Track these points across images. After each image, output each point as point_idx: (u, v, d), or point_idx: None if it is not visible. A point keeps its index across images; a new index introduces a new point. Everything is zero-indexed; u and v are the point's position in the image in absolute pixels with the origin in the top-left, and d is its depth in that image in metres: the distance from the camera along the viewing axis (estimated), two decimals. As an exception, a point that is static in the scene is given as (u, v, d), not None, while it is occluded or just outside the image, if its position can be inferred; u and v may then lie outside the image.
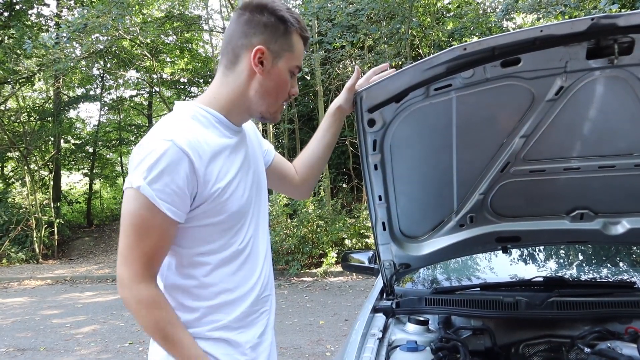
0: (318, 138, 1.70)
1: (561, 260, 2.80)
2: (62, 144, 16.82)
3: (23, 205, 13.90)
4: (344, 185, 12.84)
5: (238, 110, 1.36)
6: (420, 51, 12.09)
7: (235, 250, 1.36)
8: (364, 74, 1.68)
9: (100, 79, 16.98)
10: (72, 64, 11.17)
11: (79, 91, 17.48)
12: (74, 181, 19.61)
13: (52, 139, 15.56)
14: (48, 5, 16.45)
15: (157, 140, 1.20)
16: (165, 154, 1.18)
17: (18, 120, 14.98)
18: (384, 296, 2.14)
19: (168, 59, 16.54)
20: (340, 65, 11.37)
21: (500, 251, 2.18)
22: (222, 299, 1.35)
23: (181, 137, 1.21)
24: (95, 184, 18.38)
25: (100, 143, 17.44)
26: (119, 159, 19.39)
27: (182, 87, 17.08)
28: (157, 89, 15.13)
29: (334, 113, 1.67)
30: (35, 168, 15.12)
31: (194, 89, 16.96)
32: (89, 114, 26.36)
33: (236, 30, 1.33)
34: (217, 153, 1.29)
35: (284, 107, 1.41)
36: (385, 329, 1.86)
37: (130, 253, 1.22)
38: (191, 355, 1.26)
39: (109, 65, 15.57)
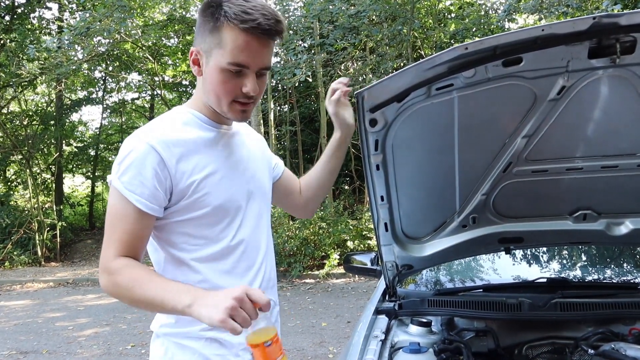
0: (323, 162, 1.68)
1: (564, 261, 2.79)
2: (65, 147, 16.84)
3: (25, 208, 13.91)
4: (346, 187, 12.84)
5: (209, 109, 1.37)
6: (422, 53, 12.09)
7: (227, 246, 1.36)
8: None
9: (102, 82, 17.02)
10: (74, 67, 11.20)
11: (81, 94, 17.52)
12: (76, 184, 19.64)
13: (55, 142, 15.59)
14: (50, 9, 16.48)
15: (130, 138, 1.29)
16: (134, 149, 1.25)
17: (20, 124, 14.99)
18: (387, 298, 2.13)
19: (170, 62, 16.56)
20: (342, 67, 11.37)
21: (503, 252, 2.17)
22: None
23: (151, 134, 1.27)
24: (97, 187, 18.38)
25: (102, 146, 17.47)
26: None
27: (184, 89, 17.11)
28: (159, 92, 15.16)
29: (335, 142, 1.65)
30: (38, 171, 15.14)
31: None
32: (91, 116, 26.37)
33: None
34: (194, 148, 1.32)
35: (247, 105, 1.32)
36: (387, 331, 1.85)
37: (108, 241, 1.27)
38: (175, 302, 1.16)
39: (110, 68, 15.60)
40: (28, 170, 14.02)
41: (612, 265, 2.70)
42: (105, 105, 17.30)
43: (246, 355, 1.40)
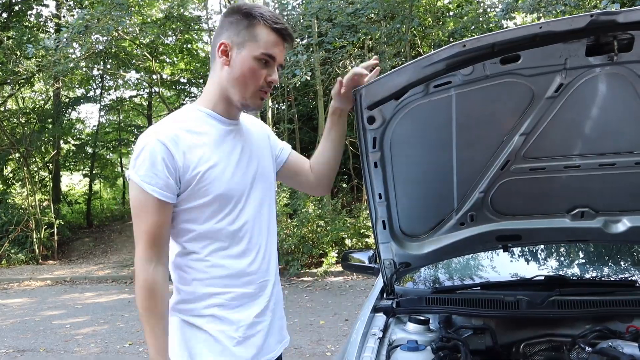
0: (324, 136, 1.79)
1: (562, 259, 2.80)
2: (62, 145, 16.81)
3: (23, 206, 13.88)
4: (344, 185, 12.82)
5: (222, 102, 1.53)
6: (421, 51, 12.09)
7: (227, 230, 1.50)
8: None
9: (100, 80, 16.98)
10: (71, 65, 11.17)
11: (79, 92, 17.48)
12: (73, 182, 19.61)
13: (52, 139, 15.55)
14: (47, 6, 16.42)
15: (143, 136, 1.45)
16: (146, 145, 1.42)
17: (18, 122, 14.95)
18: (385, 296, 2.13)
19: (168, 60, 16.53)
20: (340, 65, 11.36)
21: (501, 250, 2.17)
22: (212, 273, 1.49)
23: (161, 131, 1.43)
24: (95, 185, 18.37)
25: (100, 144, 17.44)
26: (119, 159, 19.40)
27: (181, 87, 17.09)
28: (157, 89, 15.14)
29: (334, 112, 1.74)
30: (35, 169, 15.11)
31: (193, 89, 16.98)
32: (88, 115, 26.31)
33: (214, 34, 1.55)
34: (201, 142, 1.47)
35: (266, 94, 1.53)
36: (385, 329, 1.85)
37: (137, 233, 1.44)
38: (152, 351, 1.40)
39: (108, 66, 15.56)
40: (25, 168, 14.00)
41: (610, 263, 2.70)
42: (103, 104, 17.27)
43: (248, 332, 1.52)
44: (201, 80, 16.28)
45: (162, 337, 1.42)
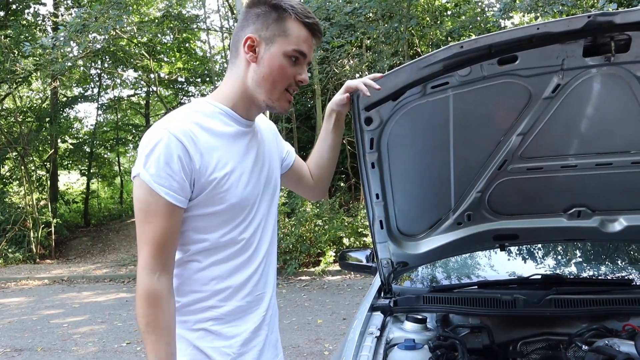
0: (322, 139, 1.69)
1: (559, 258, 2.81)
2: (60, 144, 16.76)
3: (20, 205, 13.85)
4: (342, 184, 12.83)
5: (243, 102, 1.39)
6: (419, 50, 12.10)
7: (235, 240, 1.37)
8: (361, 73, 1.69)
9: (97, 79, 16.95)
10: (69, 64, 11.14)
11: (77, 91, 17.44)
12: (71, 181, 19.57)
13: (50, 138, 15.51)
14: (45, 5, 16.35)
15: (154, 130, 1.28)
16: (160, 141, 1.24)
17: (15, 120, 14.91)
18: (382, 294, 2.14)
19: (165, 59, 16.50)
20: (338, 64, 11.36)
21: (498, 249, 2.18)
22: (211, 285, 1.36)
23: (176, 126, 1.27)
24: (92, 184, 18.32)
25: (97, 143, 17.41)
26: (117, 158, 19.38)
27: (179, 86, 17.06)
28: (155, 88, 15.11)
29: (330, 114, 1.65)
30: (33, 168, 15.07)
31: (191, 88, 16.94)
32: (86, 113, 26.26)
33: (237, 26, 1.41)
34: (217, 143, 1.33)
35: (292, 95, 1.40)
36: (383, 328, 1.86)
37: (141, 239, 1.27)
38: None
39: (106, 65, 15.53)
40: (23, 167, 13.96)
41: (606, 262, 2.71)
42: (100, 103, 17.24)
43: (242, 349, 1.40)
44: (199, 80, 16.26)
45: (168, 356, 1.24)
